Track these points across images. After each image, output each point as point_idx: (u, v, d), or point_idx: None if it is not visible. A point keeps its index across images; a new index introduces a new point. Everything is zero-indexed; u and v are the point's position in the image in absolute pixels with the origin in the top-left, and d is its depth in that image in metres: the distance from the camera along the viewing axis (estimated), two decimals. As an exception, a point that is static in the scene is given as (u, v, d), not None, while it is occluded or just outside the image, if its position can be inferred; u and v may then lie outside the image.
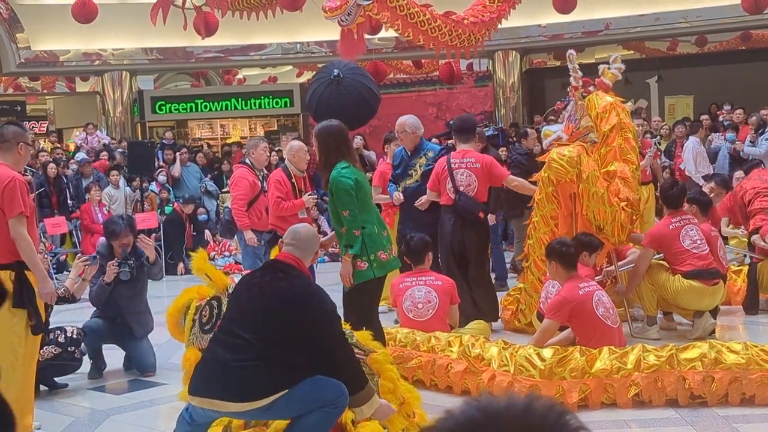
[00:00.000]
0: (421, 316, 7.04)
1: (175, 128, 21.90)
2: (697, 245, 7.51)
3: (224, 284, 5.58)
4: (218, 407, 4.37)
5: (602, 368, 5.80)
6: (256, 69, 23.86)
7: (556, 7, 14.70)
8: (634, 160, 7.64)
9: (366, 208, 6.10)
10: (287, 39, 20.28)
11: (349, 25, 9.13)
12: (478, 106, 21.54)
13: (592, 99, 7.81)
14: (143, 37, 19.12)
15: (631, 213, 7.57)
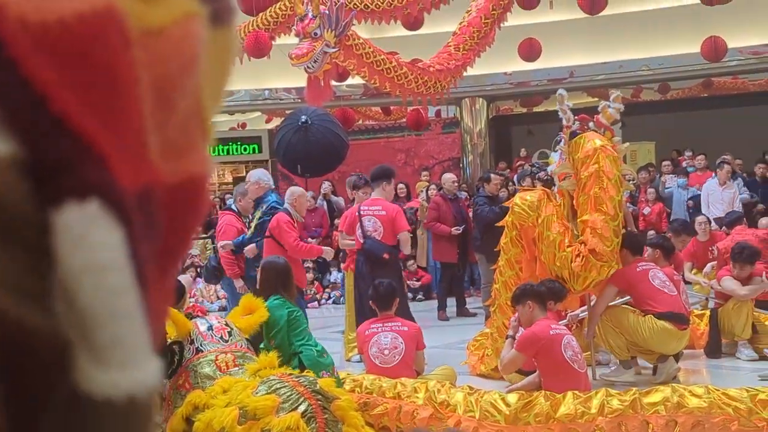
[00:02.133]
0: (388, 362, 7.04)
1: (143, 174, 21.86)
2: (667, 286, 7.60)
3: (187, 329, 5.54)
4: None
5: (566, 413, 5.83)
6: (224, 115, 23.89)
7: (522, 55, 14.92)
8: (608, 210, 7.35)
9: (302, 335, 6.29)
10: (255, 85, 20.35)
11: (316, 72, 9.21)
12: (445, 152, 21.70)
13: (579, 142, 7.65)
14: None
15: (598, 264, 7.32)
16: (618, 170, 7.44)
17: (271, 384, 4.66)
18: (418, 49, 12.16)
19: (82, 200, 0.48)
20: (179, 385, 5.32)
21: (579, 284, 7.35)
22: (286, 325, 6.15)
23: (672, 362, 7.44)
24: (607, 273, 7.34)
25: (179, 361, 5.38)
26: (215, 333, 5.53)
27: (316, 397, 4.58)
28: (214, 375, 5.18)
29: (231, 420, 4.57)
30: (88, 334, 0.48)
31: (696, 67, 18.29)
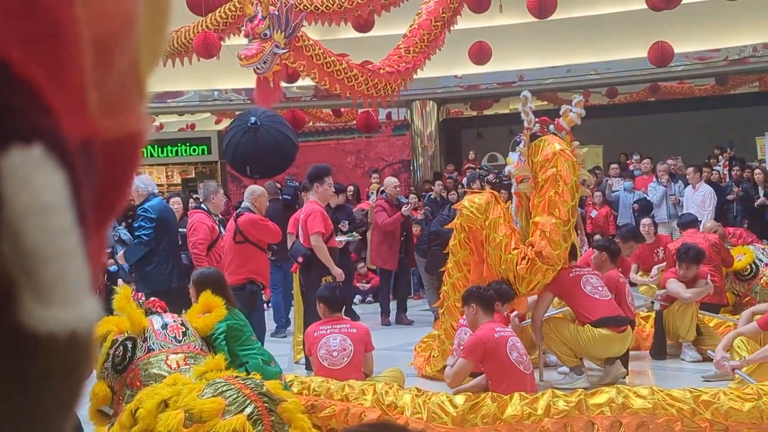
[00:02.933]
0: (336, 364, 7.02)
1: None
2: (599, 291, 7.67)
3: (141, 326, 5.50)
4: None
5: (513, 414, 5.85)
6: (173, 116, 23.70)
7: (472, 58, 14.98)
8: (560, 214, 7.35)
9: (245, 344, 6.25)
10: (205, 86, 20.22)
11: (265, 73, 9.17)
12: (396, 154, 21.74)
13: (538, 145, 7.65)
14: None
15: (544, 267, 7.36)
16: (576, 175, 7.47)
17: (217, 386, 4.62)
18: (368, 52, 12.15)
19: (27, 144, 0.50)
20: (130, 381, 5.29)
21: (524, 287, 7.39)
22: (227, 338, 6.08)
23: (618, 365, 7.52)
24: (552, 276, 7.39)
25: (131, 358, 5.35)
26: (169, 332, 5.50)
27: (263, 399, 4.55)
28: (164, 374, 5.15)
29: (177, 423, 4.53)
30: (32, 272, 0.50)
31: (643, 72, 18.54)
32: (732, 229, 11.51)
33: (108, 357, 5.46)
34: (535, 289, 7.54)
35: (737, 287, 10.30)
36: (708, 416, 5.75)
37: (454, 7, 11.16)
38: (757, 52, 18.21)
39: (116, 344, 5.49)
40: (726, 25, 17.71)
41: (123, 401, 5.25)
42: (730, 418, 5.72)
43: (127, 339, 5.47)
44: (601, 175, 16.21)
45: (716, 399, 5.83)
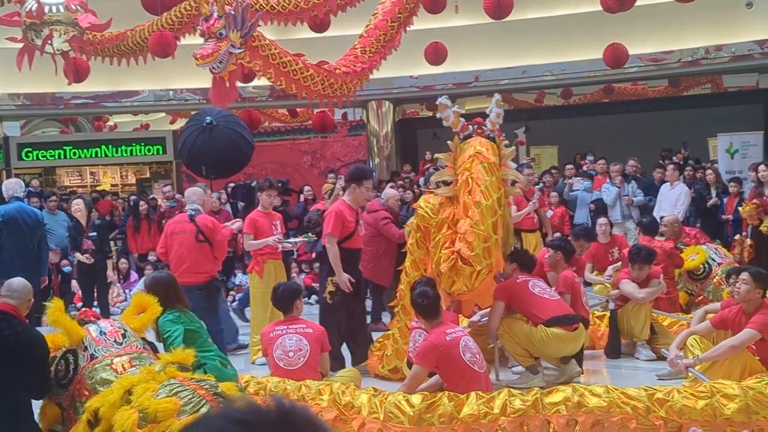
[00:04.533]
0: (292, 364, 7.00)
1: (43, 175, 21.33)
2: (548, 293, 7.74)
3: (79, 336, 5.43)
4: None
5: (470, 413, 5.87)
6: (127, 116, 23.48)
7: (428, 59, 15.01)
8: (473, 215, 7.24)
9: (202, 346, 6.27)
10: (160, 86, 20.05)
11: (221, 73, 9.09)
12: (352, 154, 21.72)
13: (463, 147, 7.66)
14: (9, 82, 18.63)
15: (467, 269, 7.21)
16: (492, 176, 7.37)
17: (172, 387, 4.59)
18: (324, 52, 12.11)
19: None
20: (78, 393, 5.24)
21: (447, 286, 7.32)
22: (184, 341, 6.06)
23: (573, 363, 7.57)
24: (479, 280, 7.30)
25: (75, 370, 5.28)
26: (108, 337, 5.44)
27: (218, 399, 4.53)
28: (111, 378, 5.10)
29: (131, 423, 4.49)
30: None
31: (598, 73, 18.71)
32: (687, 229, 11.63)
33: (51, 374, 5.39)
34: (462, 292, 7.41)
35: (690, 286, 10.42)
36: (662, 414, 5.81)
37: (410, 7, 11.16)
38: (710, 54, 18.46)
39: (57, 360, 5.42)
40: (679, 27, 17.93)
41: (74, 413, 5.19)
42: (684, 415, 5.79)
43: (67, 352, 5.41)
44: (557, 175, 16.31)
45: (670, 397, 5.89)
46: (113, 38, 12.75)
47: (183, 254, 8.78)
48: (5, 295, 5.61)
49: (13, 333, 5.31)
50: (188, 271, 8.56)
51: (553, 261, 8.62)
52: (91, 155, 21.49)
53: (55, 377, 5.38)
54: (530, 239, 11.88)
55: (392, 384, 7.29)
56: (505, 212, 7.76)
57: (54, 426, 5.44)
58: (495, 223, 7.25)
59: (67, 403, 5.30)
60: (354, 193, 8.57)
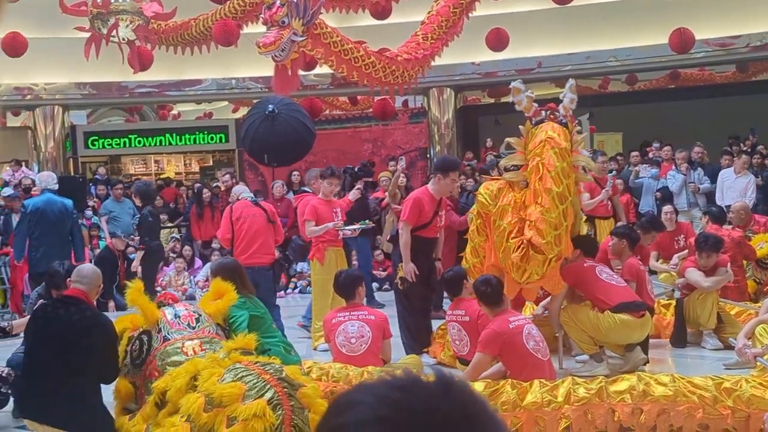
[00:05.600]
0: (354, 350, 7.02)
1: (109, 163, 21.68)
2: (614, 279, 7.64)
3: (155, 318, 5.52)
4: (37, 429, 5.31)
5: (533, 401, 5.83)
6: (191, 104, 23.73)
7: (489, 45, 14.93)
8: (543, 202, 7.19)
9: (266, 332, 6.37)
10: (222, 74, 20.21)
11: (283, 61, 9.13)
12: (413, 142, 21.67)
13: (534, 132, 7.54)
14: (76, 72, 18.92)
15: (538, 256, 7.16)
16: (564, 162, 7.28)
17: (237, 372, 4.63)
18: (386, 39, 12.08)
19: None
20: (149, 374, 5.34)
21: (518, 275, 7.24)
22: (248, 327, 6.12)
23: (639, 351, 7.47)
24: (550, 267, 7.26)
25: (148, 350, 5.38)
26: (182, 320, 5.52)
27: (282, 384, 4.56)
28: (181, 361, 5.18)
29: (197, 407, 4.54)
30: None
31: (663, 59, 18.40)
32: (757, 217, 11.39)
33: (126, 354, 5.51)
34: (533, 280, 7.37)
35: (758, 275, 10.23)
36: (730, 404, 5.71)
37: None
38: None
39: (132, 340, 5.53)
40: (747, 11, 17.55)
41: (146, 393, 5.29)
42: (752, 405, 5.69)
43: (142, 333, 5.51)
44: (623, 162, 16.10)
45: (738, 386, 5.79)
46: (177, 27, 12.88)
47: (254, 236, 9.07)
48: (75, 280, 5.75)
49: (83, 318, 5.44)
50: (259, 251, 8.87)
51: (617, 249, 8.51)
52: (156, 144, 21.78)
53: (129, 357, 5.49)
54: (604, 226, 11.72)
55: (454, 371, 7.27)
56: (575, 199, 7.67)
57: (128, 404, 5.55)
58: (565, 210, 7.18)
59: (140, 383, 5.41)
60: (438, 183, 8.53)
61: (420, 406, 1.10)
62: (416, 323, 8.50)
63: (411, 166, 19.85)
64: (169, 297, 6.12)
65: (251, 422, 4.35)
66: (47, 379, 5.33)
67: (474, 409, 1.11)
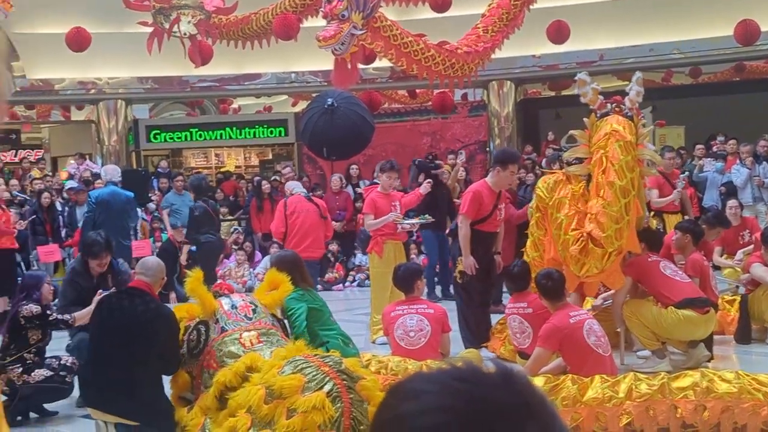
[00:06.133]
0: (413, 344, 7.01)
1: (170, 157, 21.94)
2: (678, 274, 7.53)
3: (212, 309, 5.56)
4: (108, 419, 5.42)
5: (594, 397, 5.77)
6: (250, 98, 23.90)
7: (550, 37, 14.79)
8: (605, 195, 7.14)
9: (324, 325, 6.41)
10: (282, 68, 20.33)
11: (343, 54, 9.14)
12: (472, 135, 21.59)
13: (599, 125, 7.49)
14: (139, 66, 19.17)
15: (598, 250, 7.10)
16: (628, 155, 7.19)
17: (297, 364, 4.64)
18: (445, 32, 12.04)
19: None
20: (206, 364, 5.38)
21: (577, 269, 7.18)
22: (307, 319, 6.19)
23: (702, 348, 7.36)
24: (609, 261, 7.17)
25: (205, 340, 5.43)
26: (239, 311, 5.56)
27: (342, 377, 4.56)
28: (239, 353, 5.21)
29: (257, 399, 4.57)
30: None
31: (728, 51, 18.09)
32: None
33: (183, 343, 5.56)
34: (592, 274, 7.30)
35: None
36: (796, 402, 5.60)
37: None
38: None
39: (189, 330, 5.58)
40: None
41: (202, 384, 5.34)
42: (819, 403, 5.57)
43: (199, 323, 5.56)
44: (686, 156, 15.85)
45: (805, 384, 5.67)
46: (238, 22, 12.97)
47: (308, 230, 9.13)
48: (139, 272, 5.85)
49: (146, 309, 5.53)
50: (311, 246, 8.94)
51: (680, 244, 8.38)
52: (216, 137, 21.99)
53: (186, 347, 5.54)
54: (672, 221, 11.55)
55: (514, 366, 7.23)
56: (640, 193, 7.57)
57: (184, 393, 5.61)
58: (628, 204, 7.09)
59: (196, 372, 5.46)
60: (497, 176, 8.47)
61: (482, 396, 1.09)
62: (475, 317, 8.46)
63: (470, 160, 19.77)
64: (224, 287, 6.17)
65: (310, 414, 4.36)
66: (111, 369, 5.41)
67: (534, 400, 1.11)
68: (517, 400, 1.10)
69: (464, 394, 1.09)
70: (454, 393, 1.09)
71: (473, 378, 1.12)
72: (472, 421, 1.07)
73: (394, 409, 1.12)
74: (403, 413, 1.10)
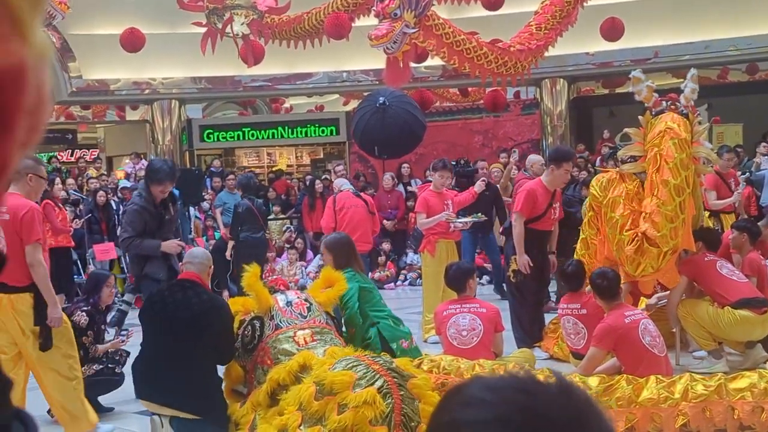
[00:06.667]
0: (466, 343, 6.98)
1: (223, 156, 22.13)
2: (736, 274, 7.42)
3: (268, 305, 5.59)
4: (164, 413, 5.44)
5: (649, 397, 5.70)
6: (302, 97, 24.01)
7: (604, 34, 14.66)
8: (660, 194, 7.08)
9: (375, 306, 6.45)
10: (333, 67, 20.38)
11: (395, 53, 9.16)
12: (524, 134, 21.46)
13: (653, 123, 7.41)
14: (192, 66, 19.34)
15: (653, 249, 7.05)
16: (683, 153, 7.09)
17: (348, 362, 4.66)
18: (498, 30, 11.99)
19: None
20: (260, 360, 5.41)
21: (633, 269, 7.12)
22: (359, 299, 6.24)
23: (760, 349, 7.25)
24: (665, 260, 7.08)
25: (260, 336, 5.47)
26: (294, 309, 5.58)
27: (392, 374, 4.57)
28: (292, 350, 5.24)
29: (308, 396, 4.59)
30: None
31: (786, 48, 17.78)
32: None
33: (238, 337, 5.60)
34: (648, 274, 7.21)
35: None
36: None
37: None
38: None
39: (244, 324, 5.62)
40: None
41: (255, 380, 5.37)
42: None
43: (254, 318, 5.59)
44: (743, 154, 15.60)
45: None
46: (290, 21, 13.04)
47: (356, 225, 9.29)
48: (187, 262, 5.91)
49: (200, 301, 5.55)
50: (360, 239, 9.04)
51: (737, 243, 8.25)
52: (268, 136, 22.12)
53: (241, 341, 5.58)
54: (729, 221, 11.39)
55: (568, 366, 7.18)
56: (696, 191, 7.47)
57: (237, 386, 5.65)
58: (683, 202, 7.00)
59: (249, 367, 5.50)
60: (552, 174, 8.41)
61: (542, 411, 1.08)
62: (529, 317, 8.41)
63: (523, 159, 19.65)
64: (280, 283, 6.20)
65: (362, 409, 4.37)
66: (165, 361, 5.45)
67: (595, 419, 1.10)
68: (576, 419, 1.09)
69: (524, 407, 1.08)
70: (512, 405, 1.09)
71: (534, 391, 1.11)
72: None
73: (452, 413, 1.12)
74: (460, 420, 1.10)
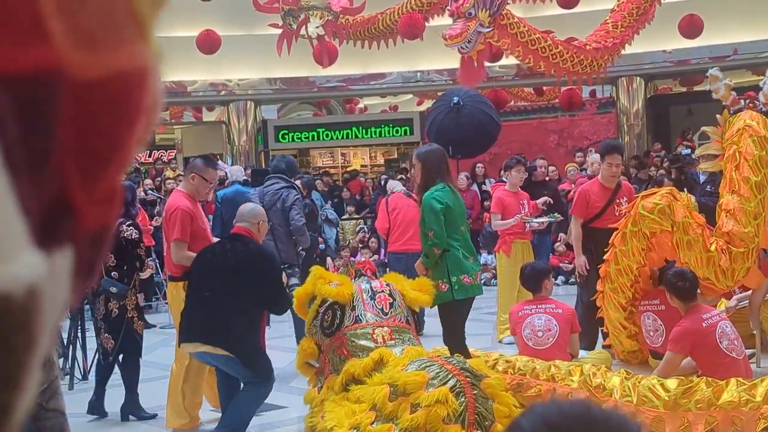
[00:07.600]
0: (541, 344, 6.94)
1: (298, 156, 22.31)
2: None
3: (350, 293, 5.61)
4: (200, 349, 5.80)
5: (729, 400, 5.59)
6: (376, 98, 24.09)
7: (682, 32, 14.44)
8: (741, 191, 6.85)
9: (453, 232, 6.42)
10: (407, 68, 20.41)
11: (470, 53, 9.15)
12: (600, 133, 21.22)
13: (731, 121, 7.18)
14: (267, 68, 19.55)
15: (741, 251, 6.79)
16: (762, 150, 6.90)
17: (421, 363, 4.69)
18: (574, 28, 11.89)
19: None
20: (337, 348, 5.46)
21: (729, 281, 6.89)
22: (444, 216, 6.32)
23: None
24: (752, 259, 6.90)
25: (339, 324, 5.50)
26: (377, 303, 5.59)
27: (465, 374, 4.58)
28: (370, 346, 5.28)
29: (382, 397, 4.62)
30: None
31: None
32: None
33: (317, 315, 5.63)
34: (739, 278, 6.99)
35: None
36: None
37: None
38: None
39: (326, 305, 5.63)
40: None
41: (329, 363, 5.42)
42: None
43: (335, 303, 5.61)
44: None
45: None
46: (364, 22, 13.11)
47: (409, 224, 9.26)
48: (238, 219, 6.20)
49: (247, 250, 5.88)
50: (412, 238, 9.06)
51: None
52: (343, 137, 22.25)
53: (320, 323, 5.62)
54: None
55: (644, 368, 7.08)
56: None
57: (310, 359, 5.73)
58: (763, 200, 6.85)
59: (325, 348, 5.56)
60: (602, 169, 8.36)
61: None
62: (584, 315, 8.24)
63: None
64: (368, 267, 6.14)
65: (434, 408, 4.39)
66: (211, 307, 5.74)
67: None
68: None
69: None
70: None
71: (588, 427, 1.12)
72: None
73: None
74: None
